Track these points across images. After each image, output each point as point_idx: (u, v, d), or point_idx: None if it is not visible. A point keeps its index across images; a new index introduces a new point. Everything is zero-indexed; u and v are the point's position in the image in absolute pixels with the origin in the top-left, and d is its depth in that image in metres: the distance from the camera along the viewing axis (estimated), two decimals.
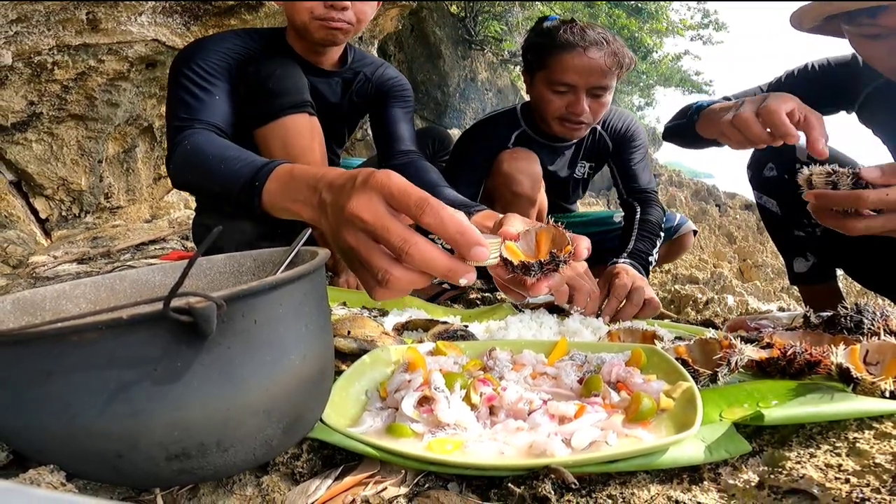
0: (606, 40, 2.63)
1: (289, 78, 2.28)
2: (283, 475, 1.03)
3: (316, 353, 0.98)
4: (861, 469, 0.96)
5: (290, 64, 2.34)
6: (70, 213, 4.16)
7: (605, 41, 2.62)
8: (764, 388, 1.28)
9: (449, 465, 1.00)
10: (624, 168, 3.02)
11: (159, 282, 1.28)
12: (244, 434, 0.89)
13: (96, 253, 3.47)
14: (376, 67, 2.74)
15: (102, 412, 0.79)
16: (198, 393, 0.82)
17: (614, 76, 2.68)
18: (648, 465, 1.00)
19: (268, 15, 4.08)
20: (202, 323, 0.77)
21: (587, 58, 2.59)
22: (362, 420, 1.15)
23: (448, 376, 1.21)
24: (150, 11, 3.48)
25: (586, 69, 2.61)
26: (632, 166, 3.00)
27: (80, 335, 0.76)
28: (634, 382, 1.23)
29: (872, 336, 1.46)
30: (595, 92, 2.68)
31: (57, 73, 3.43)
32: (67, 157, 3.94)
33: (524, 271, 1.17)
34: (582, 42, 2.60)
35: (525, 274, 1.18)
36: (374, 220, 0.98)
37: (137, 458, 0.83)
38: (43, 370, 0.77)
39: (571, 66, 2.61)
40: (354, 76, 2.66)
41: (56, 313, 1.14)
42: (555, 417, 1.10)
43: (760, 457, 1.06)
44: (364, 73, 2.69)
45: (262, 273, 1.28)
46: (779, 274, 5.15)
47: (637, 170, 3.01)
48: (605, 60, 2.60)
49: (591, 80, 2.63)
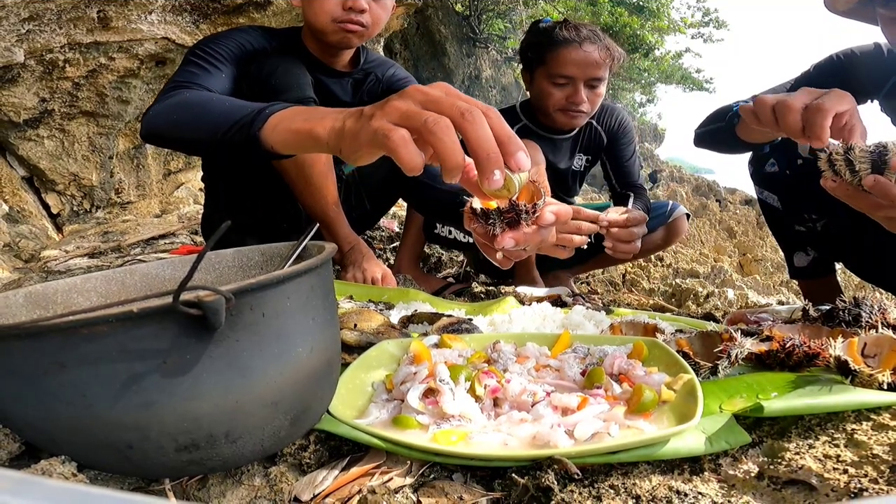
0: (598, 36, 2.84)
1: (290, 74, 2.28)
2: (290, 466, 1.03)
3: (323, 345, 0.98)
4: (859, 460, 0.96)
5: (292, 61, 2.34)
6: (81, 208, 4.16)
7: (597, 37, 2.82)
8: (763, 381, 1.28)
9: (454, 455, 1.00)
10: (618, 163, 3.25)
11: (169, 276, 1.29)
12: (252, 425, 0.89)
13: (107, 247, 3.47)
14: (387, 68, 2.75)
15: (114, 403, 0.79)
16: (207, 385, 0.82)
17: (607, 68, 2.86)
18: (650, 455, 1.00)
19: (276, 13, 4.08)
20: (211, 316, 0.77)
21: (583, 51, 2.77)
22: (368, 412, 1.15)
23: (453, 368, 1.21)
24: (159, 10, 3.49)
25: (583, 62, 2.78)
26: (625, 163, 3.23)
27: (91, 328, 0.76)
28: (636, 375, 1.23)
29: (870, 329, 1.46)
30: (591, 83, 2.85)
31: (68, 70, 3.44)
32: (79, 153, 3.95)
33: (485, 218, 1.17)
34: (577, 38, 2.78)
35: (485, 221, 1.18)
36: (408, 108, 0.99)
37: (148, 449, 0.83)
38: (55, 362, 0.77)
39: (570, 60, 2.78)
40: (366, 77, 2.67)
41: (67, 307, 1.14)
42: (558, 409, 1.10)
43: (760, 448, 1.06)
44: (375, 73, 2.70)
45: (270, 267, 1.29)
46: (778, 268, 5.14)
47: (629, 165, 3.25)
48: (600, 53, 2.80)
49: (588, 72, 2.80)
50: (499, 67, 14.66)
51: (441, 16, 11.67)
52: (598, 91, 2.88)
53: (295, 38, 2.52)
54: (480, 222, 1.20)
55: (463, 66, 12.65)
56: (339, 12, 2.29)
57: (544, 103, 2.92)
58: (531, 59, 2.94)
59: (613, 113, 3.23)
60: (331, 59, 2.53)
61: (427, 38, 11.60)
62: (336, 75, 2.58)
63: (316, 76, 2.48)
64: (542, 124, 3.07)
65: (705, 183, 10.72)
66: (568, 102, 2.85)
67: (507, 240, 1.20)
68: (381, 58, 2.81)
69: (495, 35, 13.72)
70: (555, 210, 1.27)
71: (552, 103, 2.88)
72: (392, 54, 10.62)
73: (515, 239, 1.22)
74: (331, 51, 2.49)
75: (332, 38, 2.38)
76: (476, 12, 12.91)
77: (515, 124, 3.07)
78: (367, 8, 2.31)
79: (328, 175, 2.36)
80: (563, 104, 2.86)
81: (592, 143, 3.22)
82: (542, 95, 2.90)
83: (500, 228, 1.19)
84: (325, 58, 2.52)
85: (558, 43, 2.80)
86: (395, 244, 3.97)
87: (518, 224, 1.19)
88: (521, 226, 1.21)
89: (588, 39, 2.78)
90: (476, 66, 13.33)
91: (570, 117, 2.90)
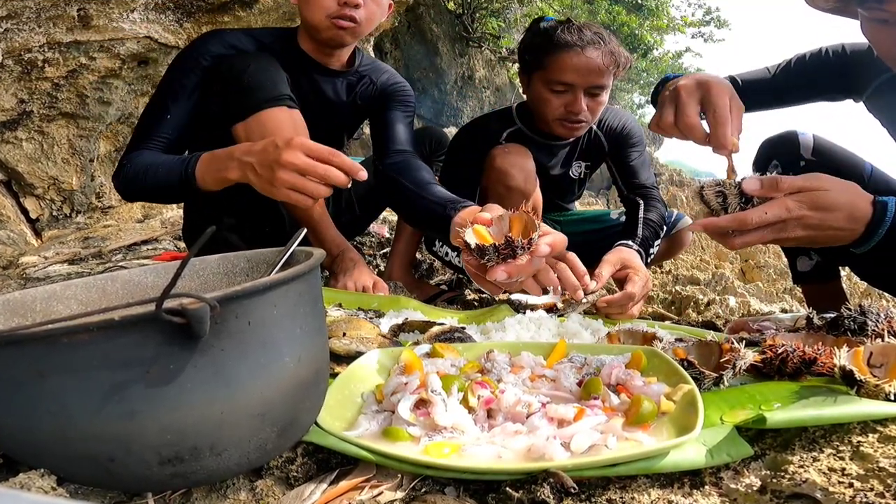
0: (603, 40, 2.67)
1: (264, 72, 2.30)
2: (277, 479, 1.03)
3: (311, 355, 0.98)
4: (865, 473, 0.96)
5: (266, 58, 2.37)
6: (61, 212, 4.15)
7: (601, 41, 2.66)
8: (766, 391, 1.28)
9: (446, 468, 1.00)
10: (622, 166, 3.06)
11: (151, 283, 1.28)
12: (238, 437, 0.89)
13: (87, 253, 3.47)
14: (382, 72, 2.80)
15: (96, 414, 0.79)
16: (191, 395, 0.82)
17: (611, 75, 2.71)
18: (649, 468, 1.00)
19: (262, 11, 4.08)
20: (195, 324, 0.77)
21: (585, 57, 2.62)
22: (358, 423, 1.15)
23: (445, 379, 1.21)
24: (142, 8, 3.49)
25: (584, 69, 2.63)
26: (629, 163, 3.04)
27: (72, 336, 0.76)
28: (634, 385, 1.23)
29: (876, 338, 1.46)
30: (593, 91, 2.71)
31: (48, 70, 3.43)
32: (58, 156, 3.94)
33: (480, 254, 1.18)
34: (580, 42, 2.63)
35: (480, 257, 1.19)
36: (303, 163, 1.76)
37: (130, 462, 0.83)
38: (35, 371, 0.77)
39: (569, 66, 2.64)
40: (360, 79, 2.72)
41: (47, 315, 1.14)
42: (553, 420, 1.11)
43: (762, 460, 1.06)
44: (370, 76, 2.75)
45: (256, 274, 1.29)
46: (781, 275, 5.15)
47: (635, 166, 3.04)
48: (603, 60, 2.64)
49: (589, 80, 2.66)
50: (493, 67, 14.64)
51: (433, 14, 11.68)
52: (600, 99, 2.75)
53: (288, 38, 2.55)
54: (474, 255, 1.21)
55: (455, 66, 12.65)
56: (333, 7, 2.32)
57: (542, 110, 2.81)
58: (529, 61, 2.82)
59: (615, 115, 3.11)
60: (326, 58, 2.57)
61: (418, 38, 11.61)
62: (331, 74, 2.62)
63: (310, 76, 2.53)
64: (539, 129, 2.97)
65: None
66: (566, 111, 2.72)
67: (499, 273, 1.25)
68: (377, 62, 2.85)
69: (489, 34, 13.70)
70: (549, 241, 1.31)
71: (550, 111, 2.76)
72: (382, 54, 10.63)
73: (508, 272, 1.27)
74: (325, 49, 2.52)
75: (326, 35, 2.41)
76: (469, 10, 12.91)
77: (509, 127, 3.00)
78: (362, 3, 2.34)
79: None
80: (562, 113, 2.74)
81: (592, 148, 3.12)
82: (540, 102, 2.79)
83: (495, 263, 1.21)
84: (321, 57, 2.56)
85: (558, 46, 2.66)
86: (385, 250, 3.97)
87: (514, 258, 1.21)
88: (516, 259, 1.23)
89: (591, 44, 2.64)
90: (469, 66, 13.32)
91: (569, 129, 2.79)
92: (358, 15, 2.35)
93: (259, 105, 2.21)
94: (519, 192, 2.70)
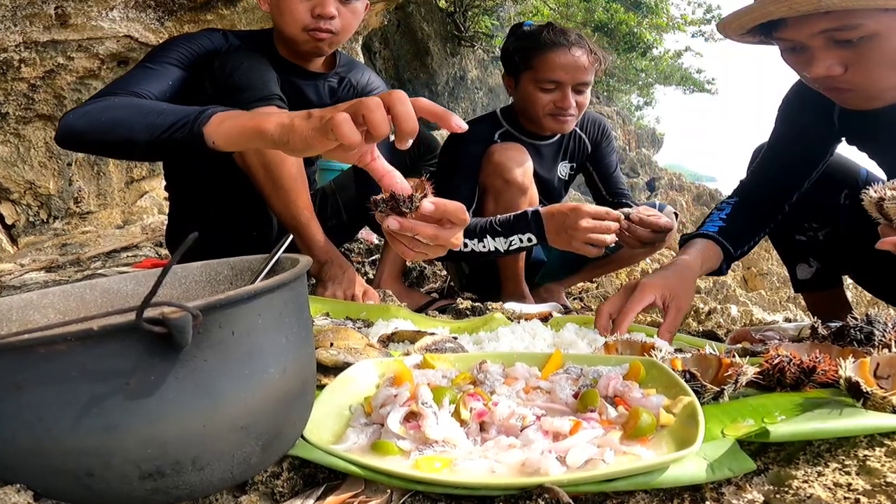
0: (584, 40, 2.95)
1: (254, 71, 2.33)
2: (262, 495, 1.02)
3: (297, 366, 0.98)
4: (871, 488, 0.97)
5: (257, 57, 2.40)
6: (38, 218, 4.14)
7: (583, 40, 2.94)
8: (769, 403, 1.28)
9: (437, 483, 1.00)
10: (604, 171, 3.42)
11: (132, 291, 1.28)
12: (221, 451, 0.89)
13: (65, 261, 3.46)
14: (360, 73, 2.88)
15: (74, 427, 0.79)
16: (173, 407, 0.82)
17: (594, 73, 2.96)
18: (647, 484, 1.00)
19: (245, 10, 4.09)
20: (177, 334, 0.77)
21: (572, 56, 2.86)
22: (346, 437, 1.15)
23: (436, 390, 1.21)
24: (121, 6, 3.49)
25: (572, 66, 2.87)
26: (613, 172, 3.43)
27: (49, 347, 0.76)
28: (633, 397, 1.23)
29: (883, 348, 1.46)
30: (579, 88, 2.94)
31: (24, 70, 3.43)
32: (35, 160, 3.93)
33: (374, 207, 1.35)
34: (565, 41, 2.87)
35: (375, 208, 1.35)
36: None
37: (110, 477, 0.83)
38: (11, 383, 0.77)
39: (558, 64, 2.86)
40: (341, 82, 2.78)
41: (23, 324, 1.14)
42: (549, 434, 1.11)
43: (765, 475, 1.06)
44: (349, 78, 2.81)
45: (240, 282, 1.28)
46: (784, 283, 5.16)
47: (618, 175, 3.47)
48: (588, 57, 2.90)
49: (576, 77, 2.89)
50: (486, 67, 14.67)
51: (424, 12, 11.71)
52: (585, 95, 2.98)
53: (264, 40, 2.59)
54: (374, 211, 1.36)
55: (447, 67, 12.68)
56: (308, 20, 2.38)
57: (532, 109, 2.98)
58: (516, 63, 3.01)
59: (596, 121, 3.38)
60: (303, 61, 2.62)
61: (409, 37, 11.63)
62: (310, 77, 2.66)
63: (289, 78, 2.54)
64: (526, 130, 3.14)
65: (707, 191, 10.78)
66: (556, 107, 2.92)
67: (391, 221, 1.34)
68: (352, 60, 2.92)
69: (482, 33, 13.73)
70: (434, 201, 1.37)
71: (540, 108, 2.94)
72: (371, 54, 10.63)
73: (401, 224, 1.35)
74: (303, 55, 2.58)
75: (304, 48, 2.49)
76: (461, 8, 12.94)
77: (497, 130, 3.14)
78: (336, 14, 2.40)
79: (298, 177, 2.38)
80: (552, 108, 2.93)
81: (577, 150, 3.34)
82: (529, 101, 2.96)
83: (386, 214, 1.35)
84: (298, 60, 2.61)
85: (546, 46, 2.86)
86: (374, 257, 3.98)
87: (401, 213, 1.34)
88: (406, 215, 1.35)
89: (575, 44, 2.86)
90: (461, 67, 13.35)
91: (560, 122, 2.96)
92: (333, 26, 2.41)
93: (248, 104, 2.22)
94: (516, 186, 2.86)
